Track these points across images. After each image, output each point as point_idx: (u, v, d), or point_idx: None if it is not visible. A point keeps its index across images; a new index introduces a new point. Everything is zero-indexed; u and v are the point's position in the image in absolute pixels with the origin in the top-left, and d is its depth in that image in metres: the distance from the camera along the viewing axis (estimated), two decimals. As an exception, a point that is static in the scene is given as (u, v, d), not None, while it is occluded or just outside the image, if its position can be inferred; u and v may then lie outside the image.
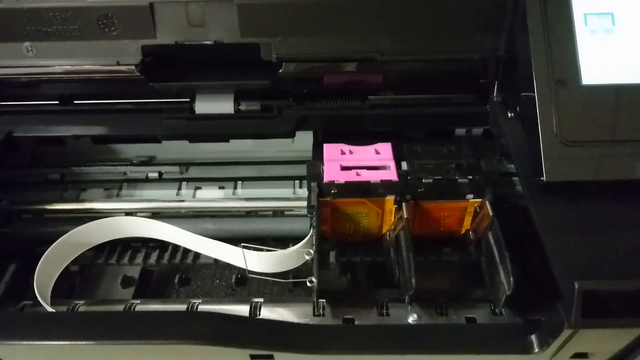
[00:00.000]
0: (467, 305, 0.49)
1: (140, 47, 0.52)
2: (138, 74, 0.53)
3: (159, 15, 0.50)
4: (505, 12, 0.49)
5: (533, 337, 0.42)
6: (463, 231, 0.56)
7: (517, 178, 0.53)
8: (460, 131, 0.62)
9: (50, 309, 0.47)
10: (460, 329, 0.46)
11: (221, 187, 0.64)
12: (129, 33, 0.51)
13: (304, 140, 0.62)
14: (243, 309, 0.49)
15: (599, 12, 0.46)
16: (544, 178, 0.44)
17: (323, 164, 0.53)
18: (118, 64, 0.52)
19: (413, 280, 0.45)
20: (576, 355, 0.43)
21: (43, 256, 0.51)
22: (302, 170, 0.55)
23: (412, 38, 0.51)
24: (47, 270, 0.51)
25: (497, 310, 0.48)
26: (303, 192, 0.61)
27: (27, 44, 0.52)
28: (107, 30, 0.51)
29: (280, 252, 0.51)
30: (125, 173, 0.66)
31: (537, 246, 0.44)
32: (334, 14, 0.50)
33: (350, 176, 0.51)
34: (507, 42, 0.51)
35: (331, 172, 0.51)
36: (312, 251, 0.49)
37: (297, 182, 0.63)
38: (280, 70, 0.53)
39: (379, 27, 0.51)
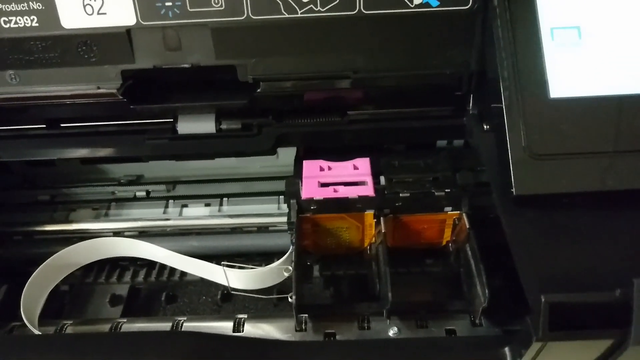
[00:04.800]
0: (447, 317, 0.49)
1: (119, 71, 0.53)
2: (120, 97, 0.54)
3: (137, 41, 0.51)
4: (475, 27, 0.50)
5: (506, 349, 0.43)
6: (444, 243, 0.57)
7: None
8: (442, 142, 0.63)
9: (36, 332, 0.48)
10: (437, 342, 0.46)
11: (207, 204, 0.65)
12: (108, 59, 0.52)
13: (288, 155, 0.63)
14: (227, 326, 0.50)
15: (565, 26, 0.46)
16: (513, 191, 0.44)
17: (302, 181, 0.54)
18: (99, 88, 0.53)
19: (389, 295, 0.46)
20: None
21: (29, 279, 0.52)
22: (285, 185, 0.56)
23: (384, 55, 0.52)
24: (34, 293, 0.52)
25: (476, 321, 0.49)
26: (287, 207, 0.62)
27: (10, 72, 0.53)
28: (86, 56, 0.52)
29: (260, 270, 0.52)
30: (113, 192, 0.67)
31: (510, 257, 0.44)
32: (306, 34, 0.51)
33: (328, 193, 0.52)
34: (478, 56, 0.52)
35: (309, 189, 0.52)
36: (291, 268, 0.50)
37: (281, 197, 0.64)
38: (258, 90, 0.54)
39: (351, 46, 0.51)
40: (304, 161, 0.56)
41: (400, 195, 0.52)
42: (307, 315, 0.50)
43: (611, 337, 0.39)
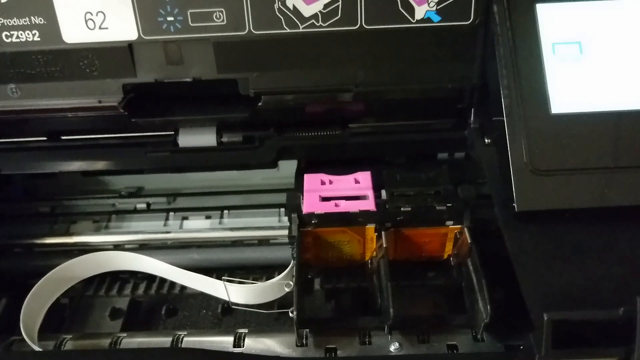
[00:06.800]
0: (449, 332, 0.49)
1: (121, 85, 0.53)
2: (121, 110, 0.54)
3: (138, 55, 0.51)
4: (476, 41, 0.50)
5: (509, 366, 0.43)
6: (446, 256, 0.57)
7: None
8: (443, 154, 0.63)
9: (36, 347, 0.48)
10: (439, 358, 0.46)
11: (208, 217, 0.65)
12: (110, 72, 0.52)
13: (289, 167, 0.63)
14: (227, 340, 0.50)
15: (566, 41, 0.46)
16: (515, 206, 0.44)
17: (303, 195, 0.54)
18: (100, 102, 0.53)
19: (391, 311, 0.46)
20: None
21: (30, 293, 0.51)
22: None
23: (385, 69, 0.52)
24: (34, 307, 0.52)
25: (478, 336, 0.49)
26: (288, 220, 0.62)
27: (11, 85, 0.53)
28: (88, 70, 0.52)
29: (261, 285, 0.52)
30: (114, 205, 0.67)
31: (512, 272, 0.44)
32: (308, 49, 0.51)
33: (329, 207, 0.51)
34: (480, 70, 0.52)
35: (310, 203, 0.52)
36: (291, 283, 0.50)
37: (282, 210, 0.64)
38: (260, 104, 0.54)
39: (352, 60, 0.51)
40: (305, 175, 0.56)
41: (402, 209, 0.51)
42: (307, 330, 0.49)
43: (615, 356, 0.38)
